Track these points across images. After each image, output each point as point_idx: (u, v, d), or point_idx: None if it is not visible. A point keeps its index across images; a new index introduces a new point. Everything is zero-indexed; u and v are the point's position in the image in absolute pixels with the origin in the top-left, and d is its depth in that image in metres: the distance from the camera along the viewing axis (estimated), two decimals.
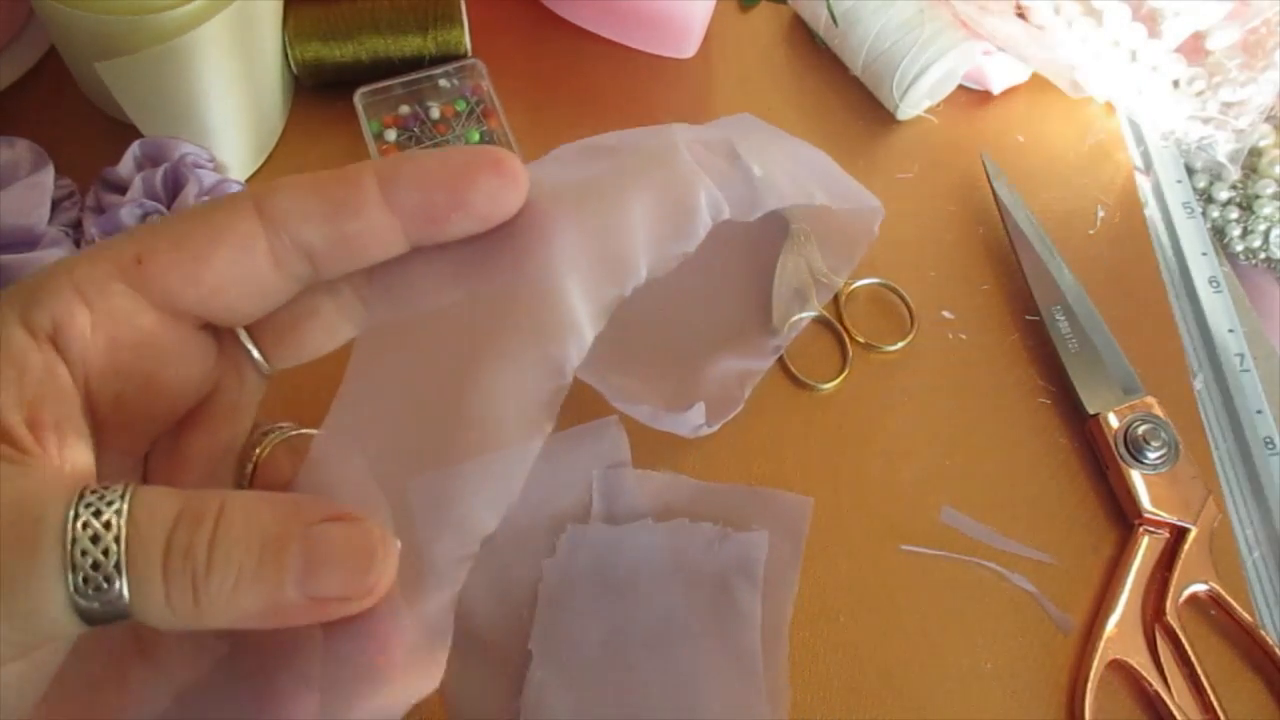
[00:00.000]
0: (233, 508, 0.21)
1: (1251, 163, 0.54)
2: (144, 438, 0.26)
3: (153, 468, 0.26)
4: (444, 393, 0.25)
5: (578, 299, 0.26)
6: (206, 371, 0.26)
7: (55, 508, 0.20)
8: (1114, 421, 0.46)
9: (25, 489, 0.20)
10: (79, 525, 0.20)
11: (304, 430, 0.29)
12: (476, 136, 0.51)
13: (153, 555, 0.20)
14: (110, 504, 0.20)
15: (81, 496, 0.20)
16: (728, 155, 0.31)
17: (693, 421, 0.43)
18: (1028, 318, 0.50)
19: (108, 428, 0.24)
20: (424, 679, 0.23)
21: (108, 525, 0.20)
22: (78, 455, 0.23)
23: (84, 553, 0.20)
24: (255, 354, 0.27)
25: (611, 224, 0.27)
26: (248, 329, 0.27)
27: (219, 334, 0.27)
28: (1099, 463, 0.46)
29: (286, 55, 0.52)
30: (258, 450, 0.28)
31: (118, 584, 0.20)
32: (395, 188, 0.24)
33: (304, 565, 0.21)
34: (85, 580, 0.20)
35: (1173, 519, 0.44)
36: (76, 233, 0.45)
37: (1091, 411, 0.46)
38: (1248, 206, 0.54)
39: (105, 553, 0.20)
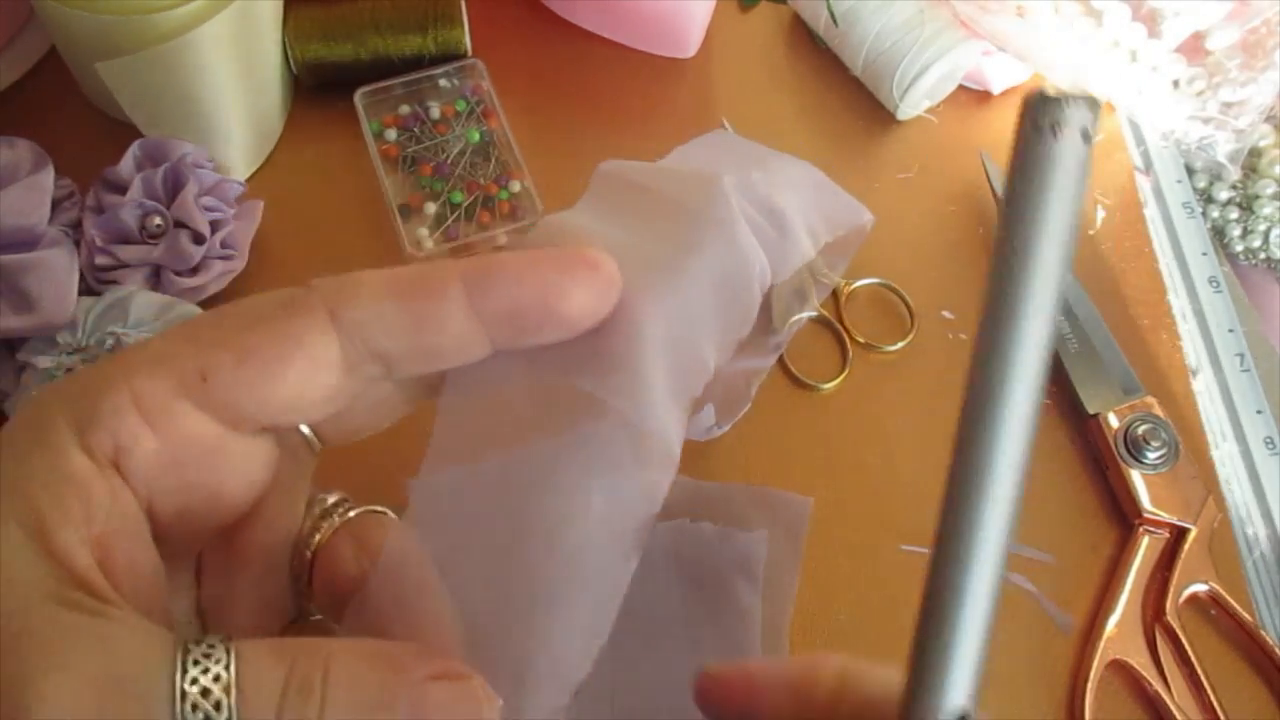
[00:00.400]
0: (337, 669, 0.21)
1: (1251, 163, 0.54)
2: (200, 543, 0.25)
3: (207, 563, 0.25)
4: (528, 515, 0.24)
5: (669, 414, 0.25)
6: (267, 472, 0.25)
7: (160, 676, 0.19)
8: (1114, 421, 0.46)
9: (122, 655, 0.19)
10: (190, 707, 0.19)
11: (362, 509, 0.27)
12: (476, 136, 0.51)
13: None
14: (217, 678, 0.19)
15: (184, 667, 0.19)
16: (766, 210, 0.30)
17: (704, 424, 0.43)
18: None
19: (167, 541, 0.23)
20: None
21: (218, 706, 0.19)
22: (155, 596, 0.22)
23: None
24: (310, 436, 0.26)
25: (689, 323, 0.26)
26: None
27: (277, 430, 0.25)
28: (1099, 463, 0.46)
29: (286, 55, 0.52)
30: (317, 537, 0.26)
31: None
32: (484, 298, 0.23)
33: None
34: None
35: (1173, 519, 0.44)
36: (76, 233, 0.45)
37: (1091, 411, 0.46)
38: (1248, 206, 0.54)
39: None
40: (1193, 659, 0.41)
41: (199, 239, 0.45)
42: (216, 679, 0.19)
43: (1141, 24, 0.52)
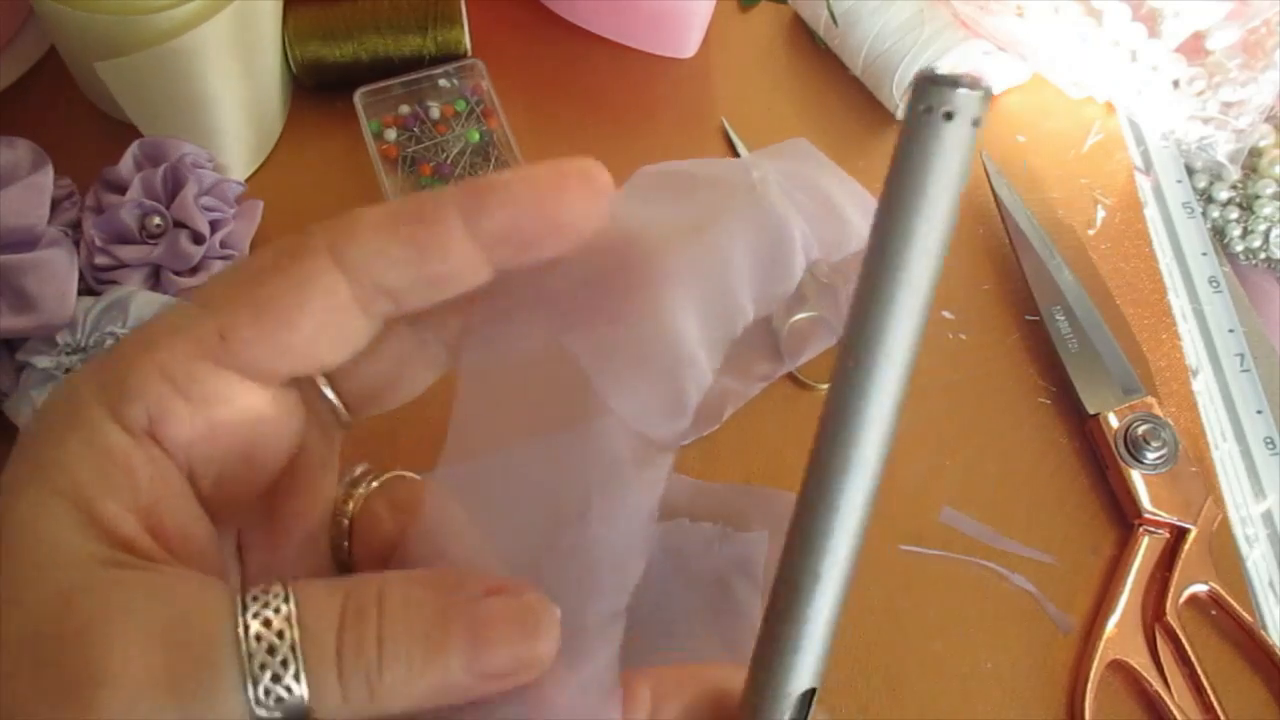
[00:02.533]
0: (392, 594, 0.21)
1: (1251, 163, 0.54)
2: (240, 512, 0.25)
3: (247, 540, 0.26)
4: (559, 439, 0.24)
5: (695, 339, 0.25)
6: (294, 431, 0.25)
7: (224, 622, 0.20)
8: (1114, 421, 0.46)
9: (185, 606, 0.20)
10: (253, 638, 0.20)
11: (391, 474, 0.28)
12: (476, 136, 0.51)
13: (327, 659, 0.20)
14: (277, 610, 0.20)
15: (245, 605, 0.20)
16: (811, 191, 0.30)
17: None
18: (1028, 318, 0.50)
19: (209, 510, 0.23)
20: None
21: (280, 635, 0.20)
22: (212, 558, 0.22)
23: (262, 666, 0.20)
24: (339, 405, 0.26)
25: (718, 262, 0.26)
26: (330, 381, 0.26)
27: (303, 391, 0.26)
28: (1099, 463, 0.46)
29: (286, 55, 0.52)
30: (350, 504, 0.27)
31: (298, 691, 0.20)
32: (480, 218, 0.23)
33: (471, 644, 0.21)
34: (266, 692, 0.20)
35: (1173, 519, 0.44)
36: (76, 233, 0.45)
37: (1091, 411, 0.46)
38: (1248, 206, 0.54)
39: (284, 663, 0.20)
40: (1193, 659, 0.41)
41: (199, 239, 0.45)
42: (277, 611, 0.20)
43: (1141, 24, 0.52)
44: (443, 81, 0.53)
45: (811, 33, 0.58)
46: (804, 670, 0.22)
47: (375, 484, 0.27)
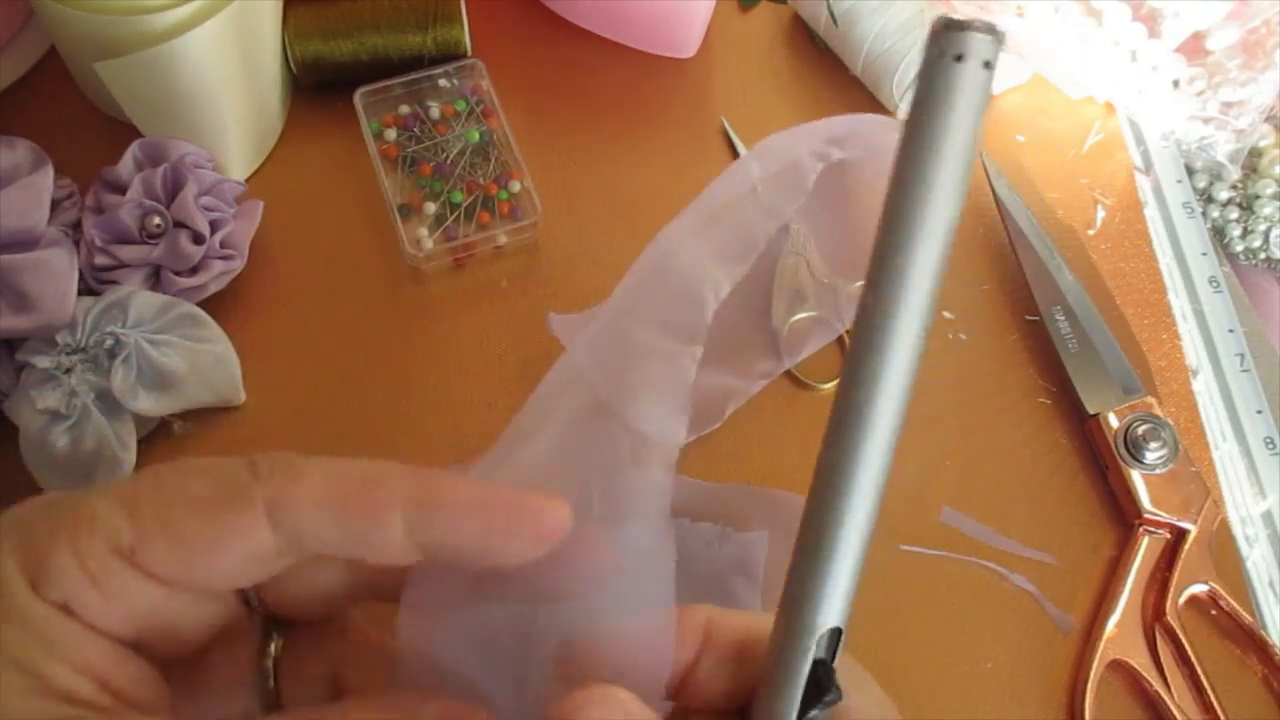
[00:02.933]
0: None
1: (1251, 163, 0.54)
2: (164, 677, 0.26)
3: (175, 690, 0.26)
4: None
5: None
6: (220, 612, 0.26)
7: None
8: (1114, 421, 0.46)
9: None
10: None
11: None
12: (476, 136, 0.51)
13: None
14: None
15: None
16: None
17: None
18: (1028, 318, 0.50)
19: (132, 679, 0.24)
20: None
21: None
22: (163, 701, 0.23)
23: None
24: (253, 597, 0.27)
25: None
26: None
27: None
28: (1099, 463, 0.46)
29: (286, 55, 0.52)
30: (272, 646, 0.27)
31: None
32: (424, 528, 0.23)
33: None
34: None
35: (1173, 519, 0.44)
36: (76, 233, 0.45)
37: (1091, 411, 0.46)
38: (1248, 206, 0.54)
39: None
40: (1193, 659, 0.41)
41: (199, 239, 0.45)
42: None
43: (1141, 24, 0.52)
44: (443, 81, 0.53)
45: (811, 33, 0.58)
46: (832, 606, 0.23)
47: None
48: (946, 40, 0.21)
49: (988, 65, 0.21)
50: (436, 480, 0.23)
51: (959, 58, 0.21)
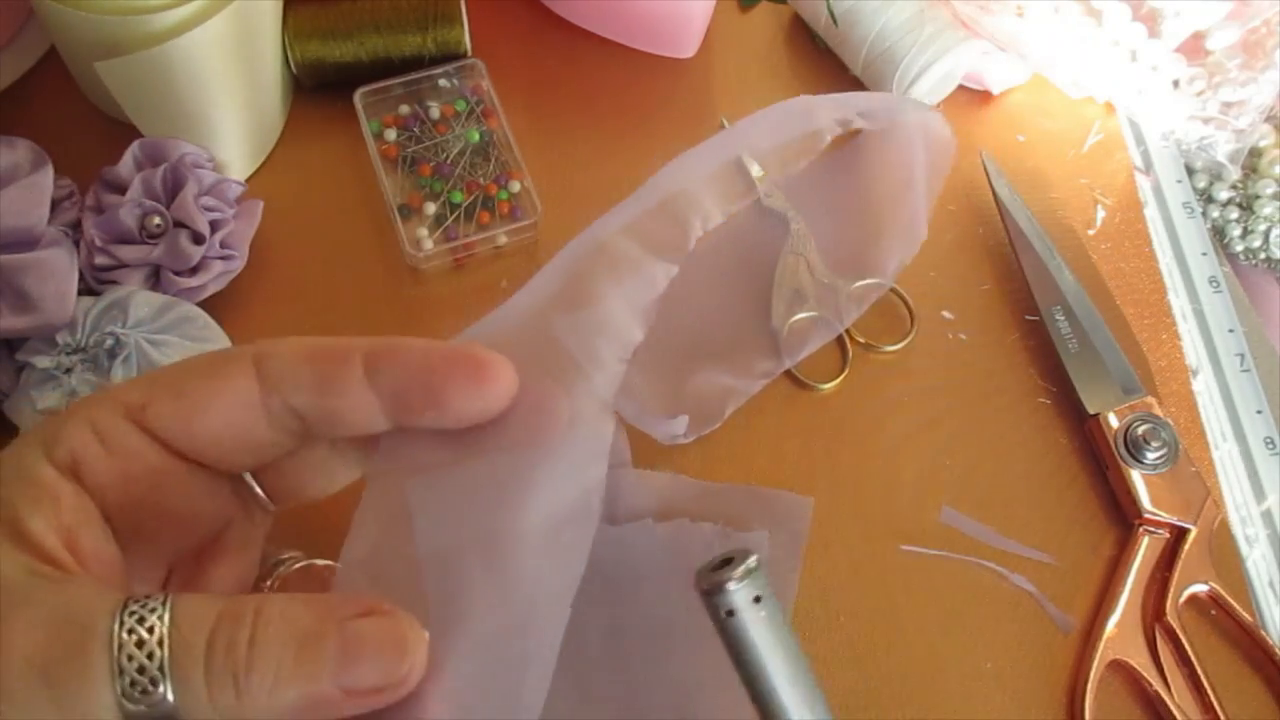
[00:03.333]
0: (270, 607, 0.22)
1: (1251, 163, 0.54)
2: (160, 564, 0.28)
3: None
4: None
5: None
6: (216, 507, 0.28)
7: (102, 618, 0.22)
8: (1114, 421, 0.46)
9: (72, 602, 0.22)
10: (124, 633, 0.21)
11: (311, 561, 0.30)
12: (476, 136, 0.51)
13: (195, 656, 0.21)
14: (153, 610, 0.22)
15: (125, 606, 0.22)
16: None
17: (672, 430, 0.43)
18: (1028, 318, 0.50)
19: (126, 553, 0.26)
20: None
21: (151, 630, 0.21)
22: (115, 573, 0.25)
23: (130, 658, 0.21)
24: (260, 494, 0.29)
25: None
26: (254, 471, 0.29)
27: (233, 481, 0.28)
28: (1099, 463, 0.46)
29: (286, 55, 0.52)
30: (269, 582, 0.29)
31: (162, 686, 0.21)
32: (377, 373, 0.26)
33: (340, 659, 0.22)
34: (132, 684, 0.21)
35: (1173, 519, 0.44)
36: (76, 233, 0.45)
37: (1091, 411, 0.46)
38: (1248, 206, 0.54)
39: (150, 656, 0.21)
40: (1193, 659, 0.41)
41: (199, 239, 0.45)
42: (153, 611, 0.22)
43: (1141, 24, 0.52)
44: (443, 81, 0.53)
45: (811, 33, 0.58)
46: None
47: (296, 567, 0.30)
48: (714, 603, 0.25)
49: (758, 600, 0.25)
50: (392, 339, 0.26)
51: (730, 613, 0.25)
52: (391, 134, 0.51)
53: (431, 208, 0.50)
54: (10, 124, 0.50)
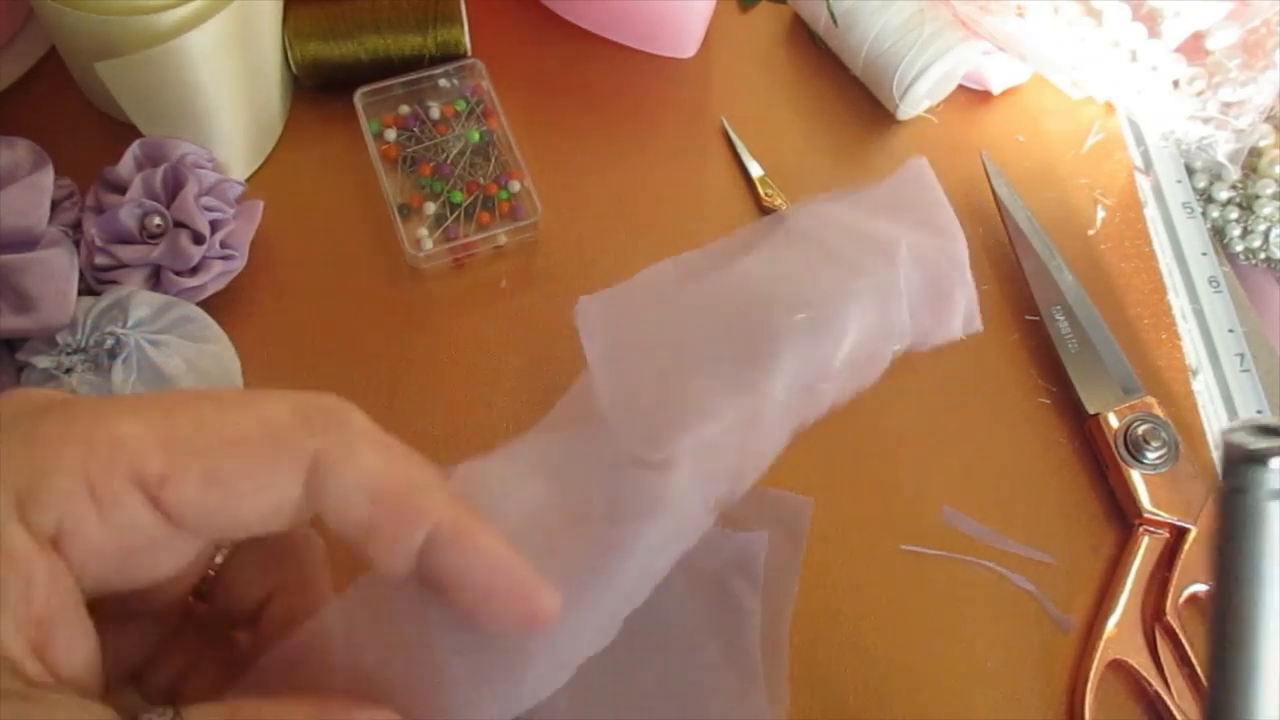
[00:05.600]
0: (269, 715, 0.21)
1: (1251, 163, 0.54)
2: (125, 618, 0.25)
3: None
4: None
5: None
6: (200, 569, 0.25)
7: None
8: (1114, 421, 0.46)
9: None
10: None
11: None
12: (476, 136, 0.51)
13: None
14: None
15: None
16: (927, 266, 0.31)
17: None
18: (1028, 318, 0.50)
19: (100, 633, 0.22)
20: None
21: None
22: (93, 674, 0.21)
23: None
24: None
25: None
26: None
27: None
28: (1099, 463, 0.46)
29: (286, 55, 0.52)
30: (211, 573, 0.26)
31: None
32: (435, 554, 0.23)
33: None
34: None
35: (1173, 519, 0.44)
36: (76, 233, 0.45)
37: (1091, 411, 0.46)
38: (1248, 206, 0.54)
39: None
40: (1193, 659, 0.41)
41: (199, 239, 0.45)
42: None
43: (1141, 24, 0.52)
44: (443, 81, 0.53)
45: (811, 33, 0.58)
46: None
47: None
48: (1244, 476, 0.21)
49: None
50: (470, 520, 0.23)
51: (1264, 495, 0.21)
52: (391, 134, 0.51)
53: (431, 207, 0.50)
54: (10, 124, 0.50)
